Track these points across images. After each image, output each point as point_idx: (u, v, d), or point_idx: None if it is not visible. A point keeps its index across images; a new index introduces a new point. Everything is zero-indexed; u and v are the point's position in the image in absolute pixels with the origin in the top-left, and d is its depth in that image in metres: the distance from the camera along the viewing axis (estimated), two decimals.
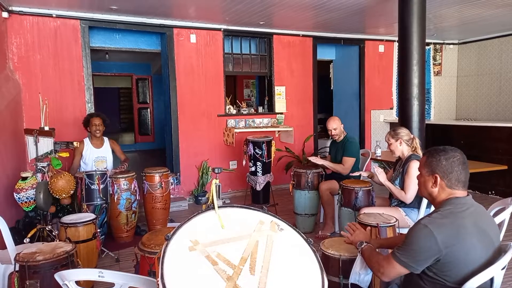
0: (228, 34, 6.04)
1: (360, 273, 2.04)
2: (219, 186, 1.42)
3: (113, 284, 1.60)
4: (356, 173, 3.86)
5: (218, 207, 1.40)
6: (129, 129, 12.29)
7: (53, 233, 3.42)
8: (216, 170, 1.61)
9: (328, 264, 2.34)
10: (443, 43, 7.71)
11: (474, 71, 7.64)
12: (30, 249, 2.42)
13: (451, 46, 7.80)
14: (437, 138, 6.35)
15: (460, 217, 1.67)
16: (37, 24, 4.90)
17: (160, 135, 11.19)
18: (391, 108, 7.41)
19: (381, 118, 7.31)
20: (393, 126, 7.37)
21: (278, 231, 1.41)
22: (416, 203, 3.32)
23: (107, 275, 1.57)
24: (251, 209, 1.48)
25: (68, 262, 2.41)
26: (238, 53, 6.22)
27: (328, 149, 6.95)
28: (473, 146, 5.85)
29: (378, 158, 5.03)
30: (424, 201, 3.31)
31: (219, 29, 5.92)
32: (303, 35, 6.49)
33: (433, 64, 7.72)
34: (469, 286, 1.58)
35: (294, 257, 1.35)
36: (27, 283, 2.27)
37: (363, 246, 1.98)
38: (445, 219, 1.66)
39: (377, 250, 2.27)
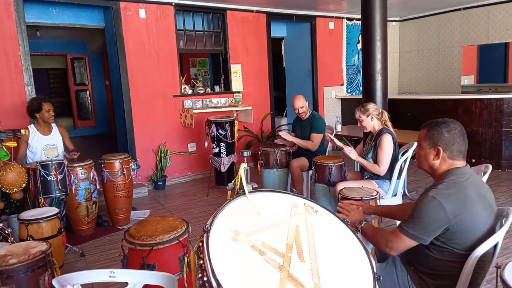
0: (180, 9, 5.71)
1: None
2: (247, 170, 1.31)
3: None
4: (334, 140, 3.66)
5: (249, 192, 1.31)
6: (64, 113, 11.35)
7: (5, 232, 3.07)
8: (245, 153, 1.49)
9: None
10: (387, 20, 7.98)
11: (414, 47, 8.05)
12: None
13: (394, 23, 8.13)
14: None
15: (463, 187, 1.73)
16: None
17: (102, 119, 10.52)
18: (342, 85, 7.59)
19: (333, 94, 7.47)
20: (344, 102, 7.61)
21: (314, 213, 1.35)
22: (387, 175, 3.45)
23: (120, 274, 1.41)
24: (281, 192, 1.40)
25: (46, 262, 2.16)
26: (191, 29, 5.92)
27: (286, 127, 7.04)
28: (419, 118, 6.07)
29: (339, 133, 5.16)
30: (395, 173, 3.44)
31: (170, 3, 5.56)
32: (257, 11, 6.33)
33: None
34: (478, 252, 1.66)
35: (335, 239, 1.30)
36: None
37: (362, 225, 1.97)
38: (451, 189, 1.71)
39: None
